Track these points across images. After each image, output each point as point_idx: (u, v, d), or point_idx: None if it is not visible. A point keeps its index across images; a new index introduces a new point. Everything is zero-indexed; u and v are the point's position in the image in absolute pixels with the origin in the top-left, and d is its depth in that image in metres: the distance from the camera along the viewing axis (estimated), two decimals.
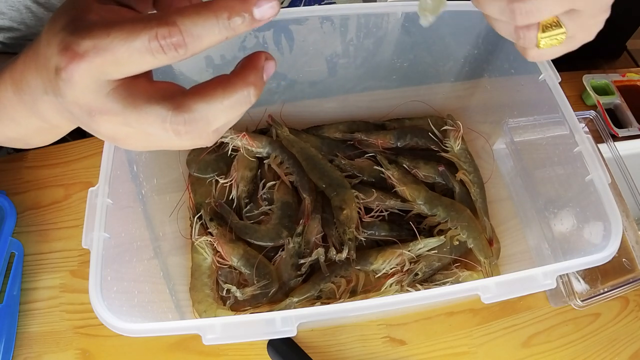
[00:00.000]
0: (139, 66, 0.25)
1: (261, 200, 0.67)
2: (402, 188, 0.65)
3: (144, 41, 0.24)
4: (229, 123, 0.28)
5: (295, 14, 0.55)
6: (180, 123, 0.25)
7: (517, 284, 0.42)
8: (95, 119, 0.27)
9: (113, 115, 0.26)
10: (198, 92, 0.26)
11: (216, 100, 0.26)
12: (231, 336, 0.39)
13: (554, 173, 0.58)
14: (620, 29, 1.23)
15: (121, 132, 0.27)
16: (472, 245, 0.62)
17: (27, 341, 0.58)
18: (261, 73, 0.27)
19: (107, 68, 0.25)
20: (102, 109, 0.26)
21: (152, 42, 0.24)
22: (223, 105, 0.26)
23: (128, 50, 0.24)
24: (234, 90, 0.26)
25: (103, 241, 0.43)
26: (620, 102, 0.77)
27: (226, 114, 0.26)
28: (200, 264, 0.61)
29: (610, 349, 0.60)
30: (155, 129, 0.26)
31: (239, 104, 0.26)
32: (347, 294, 0.59)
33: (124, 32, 0.24)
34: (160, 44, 0.24)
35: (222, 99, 0.26)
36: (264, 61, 0.27)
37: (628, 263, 0.61)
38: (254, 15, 0.25)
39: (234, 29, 0.25)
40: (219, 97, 0.26)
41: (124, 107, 0.26)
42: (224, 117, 0.26)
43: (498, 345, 0.60)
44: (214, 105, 0.26)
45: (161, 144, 0.28)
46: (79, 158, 0.71)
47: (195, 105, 0.26)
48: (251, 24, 0.25)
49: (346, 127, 0.72)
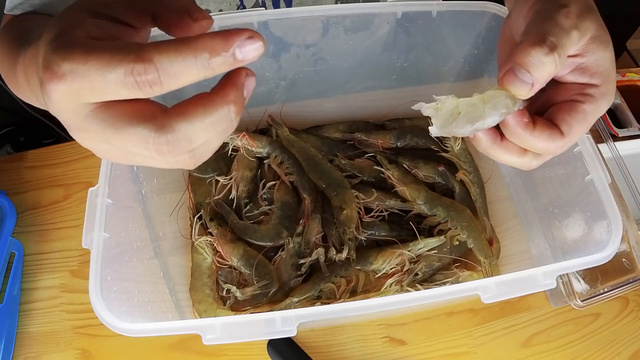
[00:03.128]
0: (115, 96, 0.25)
1: (261, 200, 0.67)
2: (402, 188, 0.65)
3: (119, 75, 0.24)
4: (211, 142, 0.28)
5: (296, 13, 0.55)
6: (163, 143, 0.25)
7: (517, 284, 0.42)
8: (76, 135, 0.27)
9: (93, 134, 0.26)
10: (179, 112, 0.25)
11: (197, 119, 0.25)
12: (231, 336, 0.39)
13: (554, 173, 0.58)
14: (620, 29, 1.24)
15: (102, 148, 0.28)
16: (472, 245, 0.62)
17: (27, 341, 0.58)
18: (241, 90, 0.27)
19: (84, 93, 0.25)
20: (81, 128, 0.26)
21: (127, 77, 0.24)
22: (204, 124, 0.25)
23: (103, 81, 0.24)
24: (214, 109, 0.26)
25: (103, 241, 0.43)
26: (620, 102, 0.77)
27: (206, 133, 0.26)
28: (200, 264, 0.61)
29: (610, 349, 0.60)
30: (138, 149, 0.26)
31: (220, 122, 0.26)
32: (347, 294, 0.59)
33: (101, 61, 0.24)
34: (136, 80, 0.24)
35: (203, 118, 0.25)
36: (245, 78, 0.27)
37: (628, 263, 0.61)
38: (235, 56, 0.24)
39: (213, 69, 0.24)
40: (200, 115, 0.25)
41: (104, 129, 0.26)
42: (204, 135, 0.26)
43: (498, 345, 0.60)
44: (194, 124, 0.25)
45: (143, 161, 0.28)
46: (79, 158, 0.71)
47: (177, 125, 0.25)
48: (232, 64, 0.25)
49: (346, 127, 0.72)
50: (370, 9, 0.57)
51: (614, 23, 1.08)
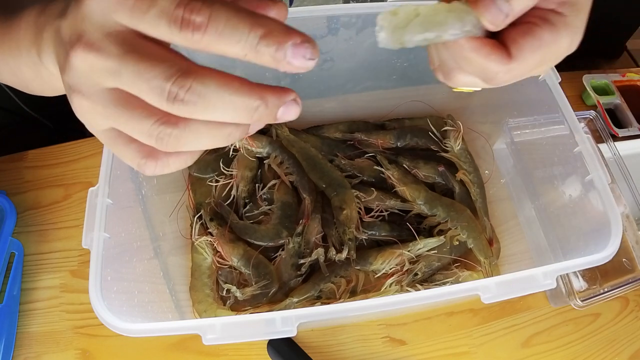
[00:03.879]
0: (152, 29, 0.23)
1: (261, 200, 0.67)
2: (402, 188, 0.65)
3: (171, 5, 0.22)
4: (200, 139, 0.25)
5: (296, 14, 0.55)
6: (184, 87, 0.22)
7: (517, 284, 0.42)
8: (75, 50, 0.24)
9: (102, 56, 0.23)
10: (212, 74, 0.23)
11: (228, 88, 0.23)
12: (231, 336, 0.39)
13: (554, 173, 0.58)
14: (620, 29, 1.23)
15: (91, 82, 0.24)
16: (472, 245, 0.62)
17: (27, 341, 0.58)
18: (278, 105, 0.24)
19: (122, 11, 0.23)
20: (93, 44, 0.23)
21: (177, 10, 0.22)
22: (229, 98, 0.23)
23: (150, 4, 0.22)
24: (248, 94, 0.23)
25: (103, 241, 0.43)
26: (620, 102, 0.77)
27: (222, 112, 0.23)
28: (200, 264, 0.61)
29: (610, 349, 0.60)
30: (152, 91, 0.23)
31: (239, 109, 0.23)
32: (347, 294, 0.59)
33: None
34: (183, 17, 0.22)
35: (232, 91, 0.23)
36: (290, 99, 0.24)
37: (628, 263, 0.61)
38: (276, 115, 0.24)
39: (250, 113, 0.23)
40: (233, 88, 0.23)
41: (125, 53, 0.23)
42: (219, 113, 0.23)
43: (498, 345, 0.60)
44: (222, 92, 0.23)
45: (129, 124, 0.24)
46: (79, 158, 0.71)
47: (208, 80, 0.23)
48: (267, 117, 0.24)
49: (346, 127, 0.72)
50: (371, 9, 0.57)
51: (614, 23, 1.08)
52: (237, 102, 0.23)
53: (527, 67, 0.29)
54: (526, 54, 0.28)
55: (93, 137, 0.77)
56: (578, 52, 0.37)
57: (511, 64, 0.28)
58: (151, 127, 0.24)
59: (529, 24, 0.28)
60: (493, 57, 0.28)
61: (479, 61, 0.28)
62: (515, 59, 0.28)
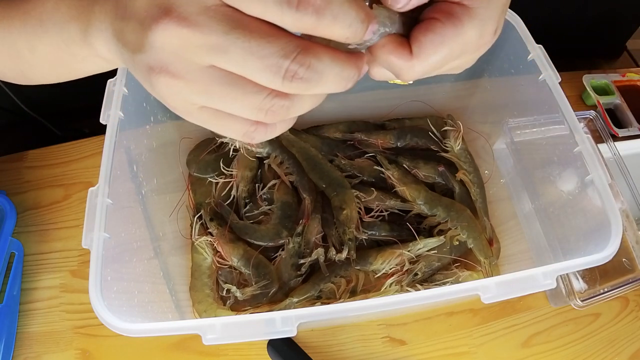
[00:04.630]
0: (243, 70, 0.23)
1: (261, 200, 0.67)
2: (402, 188, 0.65)
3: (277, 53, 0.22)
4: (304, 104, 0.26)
5: None
6: (304, 65, 0.22)
7: (517, 284, 0.42)
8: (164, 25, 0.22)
9: (202, 32, 0.22)
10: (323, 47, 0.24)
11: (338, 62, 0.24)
12: (231, 336, 0.39)
13: (554, 173, 0.58)
14: (620, 29, 1.23)
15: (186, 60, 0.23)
16: (472, 245, 0.62)
17: (27, 341, 0.58)
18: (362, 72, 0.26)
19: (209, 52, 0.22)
20: (187, 18, 0.22)
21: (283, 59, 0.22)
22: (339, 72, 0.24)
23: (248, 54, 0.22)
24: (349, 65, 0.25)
25: (103, 241, 0.43)
26: (620, 102, 0.77)
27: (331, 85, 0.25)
28: (200, 264, 0.61)
29: (610, 349, 0.60)
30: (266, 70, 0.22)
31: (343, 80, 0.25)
32: (347, 294, 0.59)
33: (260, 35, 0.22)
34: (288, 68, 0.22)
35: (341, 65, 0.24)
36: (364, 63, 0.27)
37: (628, 263, 0.61)
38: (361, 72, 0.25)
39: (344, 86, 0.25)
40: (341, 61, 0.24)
41: (231, 29, 0.22)
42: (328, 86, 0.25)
43: (498, 345, 0.60)
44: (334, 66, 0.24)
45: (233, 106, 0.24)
46: (79, 158, 0.71)
47: (322, 55, 0.23)
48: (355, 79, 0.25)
49: (346, 127, 0.72)
50: None
51: (614, 23, 1.08)
52: (344, 74, 0.24)
53: (432, 63, 0.28)
54: (427, 51, 0.27)
55: (93, 137, 0.78)
56: (578, 52, 0.37)
57: (412, 61, 0.27)
58: (263, 102, 0.24)
59: (431, 19, 0.27)
60: (395, 54, 0.27)
61: (383, 57, 0.28)
62: (415, 56, 0.27)
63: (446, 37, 0.27)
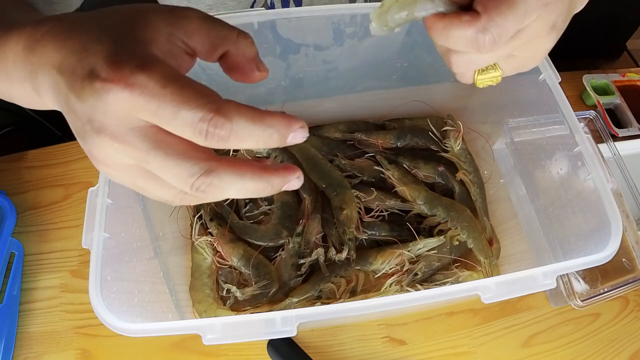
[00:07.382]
0: (175, 130, 0.25)
1: (261, 200, 0.67)
2: (402, 188, 0.65)
3: (195, 117, 0.24)
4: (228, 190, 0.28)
5: (296, 13, 0.55)
6: (205, 182, 0.26)
7: (517, 284, 0.42)
8: (101, 139, 0.25)
9: (128, 148, 0.25)
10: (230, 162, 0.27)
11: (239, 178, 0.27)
12: (231, 336, 0.39)
13: (554, 173, 0.58)
14: (620, 29, 1.23)
15: (119, 163, 0.27)
16: (472, 245, 0.62)
17: (27, 341, 0.58)
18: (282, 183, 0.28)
19: (145, 112, 0.24)
20: (118, 137, 0.25)
21: (202, 123, 0.24)
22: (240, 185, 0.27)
23: (174, 115, 0.24)
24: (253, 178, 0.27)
25: (103, 241, 0.43)
26: (620, 102, 0.77)
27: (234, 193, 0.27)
28: (200, 264, 0.61)
29: (610, 349, 0.60)
30: (175, 180, 0.26)
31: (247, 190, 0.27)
32: (347, 294, 0.59)
33: (181, 96, 0.24)
34: (208, 129, 0.24)
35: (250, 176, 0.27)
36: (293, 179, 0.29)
37: (628, 263, 0.61)
38: (287, 140, 0.27)
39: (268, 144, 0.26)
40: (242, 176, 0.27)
41: (149, 149, 0.25)
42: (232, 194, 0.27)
43: (498, 345, 0.60)
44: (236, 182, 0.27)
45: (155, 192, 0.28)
46: (79, 158, 0.71)
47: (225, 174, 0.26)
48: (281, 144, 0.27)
49: (346, 127, 0.72)
50: (371, 9, 0.57)
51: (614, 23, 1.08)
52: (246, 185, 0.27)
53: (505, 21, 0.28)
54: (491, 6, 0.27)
55: None
56: (578, 52, 0.37)
57: (482, 22, 0.27)
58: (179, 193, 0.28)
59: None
60: (461, 22, 0.28)
61: (453, 33, 0.29)
62: (483, 15, 0.27)
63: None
